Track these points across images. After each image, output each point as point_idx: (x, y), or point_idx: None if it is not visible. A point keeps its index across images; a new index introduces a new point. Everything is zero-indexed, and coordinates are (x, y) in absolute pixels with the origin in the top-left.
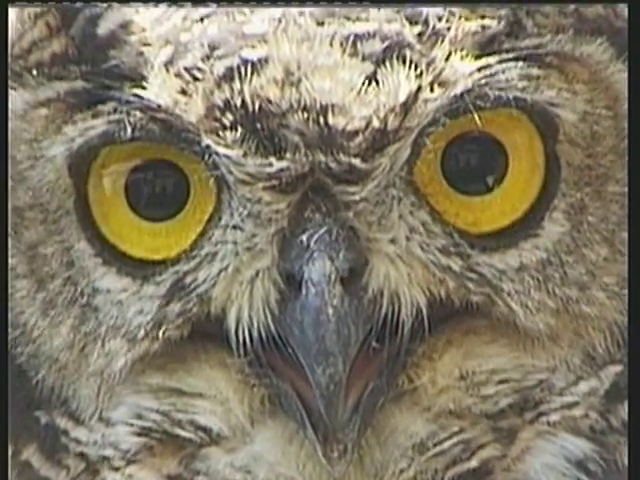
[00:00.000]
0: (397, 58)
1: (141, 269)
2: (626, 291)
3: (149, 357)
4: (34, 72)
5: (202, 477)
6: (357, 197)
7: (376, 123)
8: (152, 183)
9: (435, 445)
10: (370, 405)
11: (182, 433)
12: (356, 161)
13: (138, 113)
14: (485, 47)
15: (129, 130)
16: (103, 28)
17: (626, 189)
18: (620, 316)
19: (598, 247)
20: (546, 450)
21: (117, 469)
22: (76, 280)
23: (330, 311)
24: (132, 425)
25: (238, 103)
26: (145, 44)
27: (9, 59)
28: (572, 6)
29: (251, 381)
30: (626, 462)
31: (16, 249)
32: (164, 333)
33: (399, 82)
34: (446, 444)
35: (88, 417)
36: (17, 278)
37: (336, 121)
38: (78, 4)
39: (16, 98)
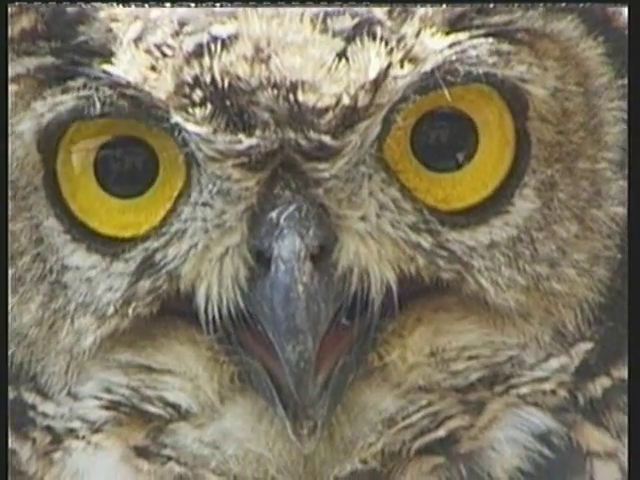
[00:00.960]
0: (367, 35)
1: (110, 246)
2: (596, 268)
3: (118, 334)
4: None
5: (169, 450)
6: (327, 174)
7: (346, 100)
8: (121, 160)
9: (404, 419)
10: (340, 382)
11: (150, 409)
12: (326, 138)
13: (107, 89)
14: (455, 24)
15: (98, 106)
16: (72, 4)
17: (597, 166)
18: (590, 293)
19: (568, 224)
20: (510, 422)
21: (82, 438)
22: (45, 257)
23: (300, 288)
24: (100, 399)
25: (207, 80)
26: (114, 20)
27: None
28: None
29: (221, 358)
30: (582, 442)
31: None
32: (134, 310)
33: (369, 59)
34: (414, 417)
35: (56, 392)
36: None
37: (306, 98)
38: None
39: None
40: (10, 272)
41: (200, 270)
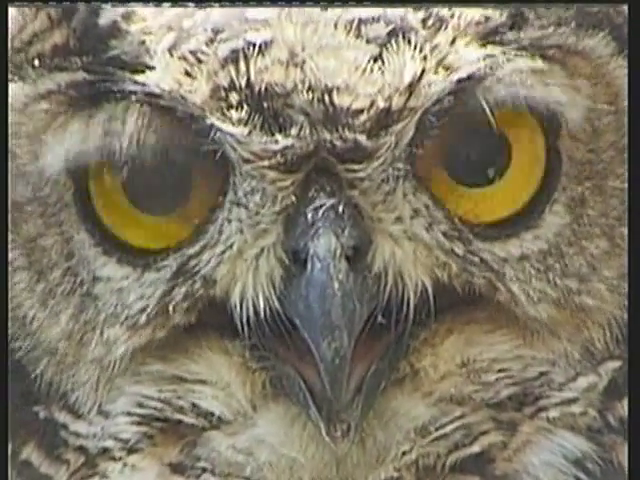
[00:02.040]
0: (402, 40)
1: (142, 258)
2: (625, 285)
3: (152, 345)
4: (36, 62)
5: (203, 463)
6: (362, 175)
7: (381, 102)
8: (151, 177)
9: (437, 429)
10: (373, 386)
11: (184, 419)
12: (361, 138)
13: (140, 107)
14: (487, 37)
15: (124, 146)
16: (104, 18)
17: (626, 185)
18: (619, 311)
19: (598, 240)
20: (545, 447)
21: (118, 459)
22: (76, 270)
23: (336, 285)
24: (132, 414)
25: (243, 83)
26: (147, 33)
27: (9, 53)
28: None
29: (252, 365)
30: (623, 461)
31: (15, 242)
32: (169, 319)
33: (404, 62)
34: (448, 428)
35: (87, 410)
36: (16, 271)
37: (341, 100)
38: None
39: (16, 91)
40: (40, 287)
41: (235, 272)
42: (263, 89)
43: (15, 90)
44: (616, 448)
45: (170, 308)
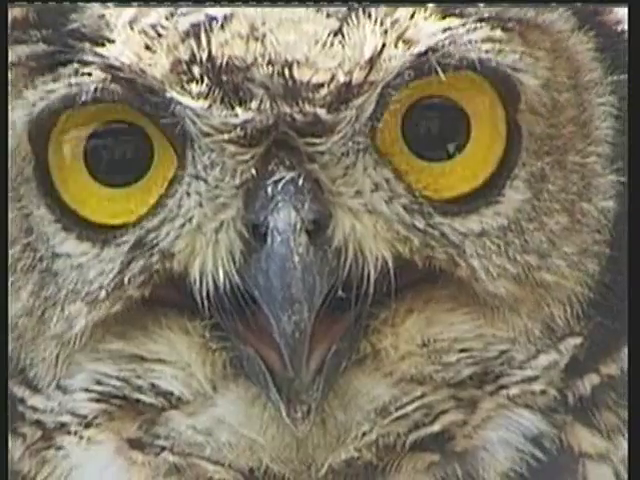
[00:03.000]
0: (362, 15)
1: (101, 233)
2: (586, 262)
3: (109, 320)
4: None
5: (163, 441)
6: (322, 148)
7: (341, 76)
8: (111, 149)
9: (397, 409)
10: (333, 367)
11: (143, 398)
12: (321, 112)
13: (100, 73)
14: (447, 10)
15: (91, 91)
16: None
17: (587, 160)
18: (579, 287)
19: (558, 216)
20: (503, 424)
21: (74, 433)
22: (35, 246)
23: (296, 259)
24: (91, 391)
25: (204, 57)
26: (106, 6)
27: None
28: None
29: (213, 345)
30: (572, 441)
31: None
32: (125, 292)
33: (364, 36)
34: (408, 408)
35: (46, 385)
36: None
37: (301, 74)
38: None
39: None
40: None
41: (194, 246)
42: (224, 63)
43: None
44: (569, 429)
45: (126, 280)
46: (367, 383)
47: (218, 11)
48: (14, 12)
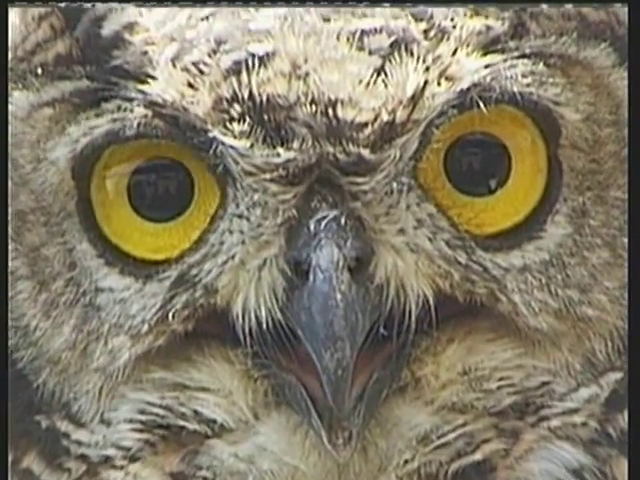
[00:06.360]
0: (404, 52)
1: (144, 268)
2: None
3: (153, 353)
4: (39, 71)
5: (205, 472)
6: (365, 188)
7: (385, 115)
8: (155, 184)
9: (439, 437)
10: (374, 395)
11: (186, 425)
12: (365, 152)
13: (143, 109)
14: (489, 47)
15: (134, 127)
16: (107, 29)
17: (626, 196)
18: (621, 322)
19: (599, 251)
20: (545, 456)
21: (119, 468)
22: (78, 281)
23: (338, 296)
24: (134, 421)
25: (245, 95)
26: (149, 43)
27: (12, 61)
28: (574, 9)
29: (254, 374)
30: (617, 475)
31: (18, 252)
32: (169, 327)
33: (407, 74)
34: (450, 436)
35: (89, 419)
36: (19, 280)
37: (345, 113)
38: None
39: (19, 100)
40: (42, 297)
41: (237, 283)
42: (265, 101)
43: (18, 99)
44: (613, 462)
45: (170, 316)
46: (408, 411)
47: (260, 48)
48: (58, 47)
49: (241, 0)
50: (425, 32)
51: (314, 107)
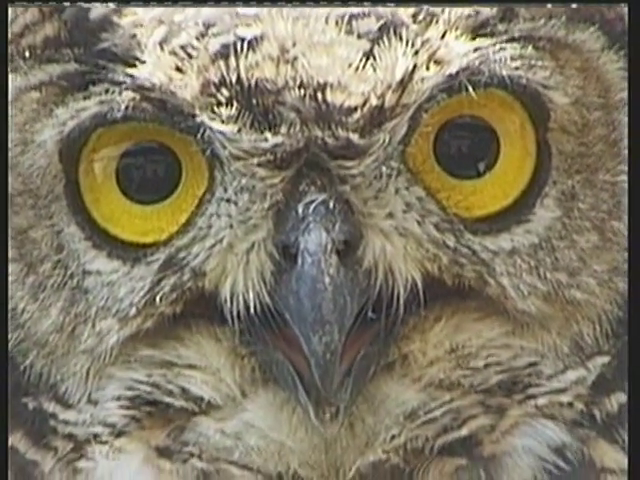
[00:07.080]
0: (393, 36)
1: (132, 251)
2: (616, 280)
3: (141, 335)
4: (27, 54)
5: (191, 447)
6: (354, 171)
7: (374, 100)
8: (143, 167)
9: (425, 413)
10: (362, 371)
11: (173, 402)
12: (354, 136)
13: (131, 92)
14: (478, 30)
15: (121, 110)
16: (95, 12)
17: (617, 178)
18: (609, 306)
19: (588, 234)
20: (529, 432)
21: (104, 443)
22: (66, 263)
23: (327, 280)
24: (121, 398)
25: (233, 79)
26: (138, 25)
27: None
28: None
29: (242, 351)
30: (594, 456)
31: (5, 234)
32: (157, 309)
33: (396, 59)
34: (436, 412)
35: (77, 400)
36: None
37: (333, 97)
38: None
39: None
40: (30, 280)
41: (225, 266)
42: (253, 85)
43: None
44: (589, 443)
45: (157, 299)
46: (395, 388)
47: (248, 32)
48: (46, 30)
49: (241, 0)
50: (414, 16)
51: (302, 91)
